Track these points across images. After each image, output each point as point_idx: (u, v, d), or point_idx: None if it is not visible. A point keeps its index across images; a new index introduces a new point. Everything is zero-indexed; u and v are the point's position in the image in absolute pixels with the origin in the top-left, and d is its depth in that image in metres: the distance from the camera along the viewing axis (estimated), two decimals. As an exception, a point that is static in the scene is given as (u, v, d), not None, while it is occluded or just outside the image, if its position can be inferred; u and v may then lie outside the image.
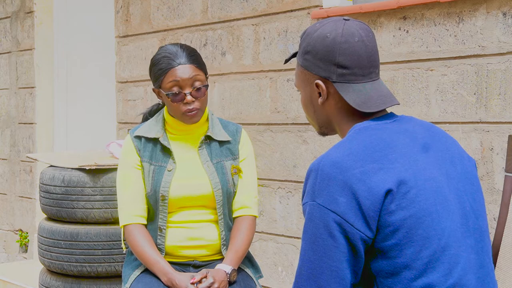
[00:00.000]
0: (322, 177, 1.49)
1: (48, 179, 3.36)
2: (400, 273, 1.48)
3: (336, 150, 1.54)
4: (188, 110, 2.36)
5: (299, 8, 3.68)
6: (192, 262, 2.45)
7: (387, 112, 1.66)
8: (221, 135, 2.47)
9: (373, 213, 1.46)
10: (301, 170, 3.69)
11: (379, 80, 1.65)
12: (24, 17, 5.66)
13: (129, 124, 4.73)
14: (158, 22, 4.52)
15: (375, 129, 1.58)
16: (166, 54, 2.38)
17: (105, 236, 3.25)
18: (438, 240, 1.48)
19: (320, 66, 1.62)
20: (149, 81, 4.56)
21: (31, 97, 5.61)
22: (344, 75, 1.61)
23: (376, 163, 1.49)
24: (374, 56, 1.63)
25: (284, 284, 3.80)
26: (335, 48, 1.60)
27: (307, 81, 1.67)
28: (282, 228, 3.79)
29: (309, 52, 1.64)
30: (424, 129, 1.64)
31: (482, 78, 2.96)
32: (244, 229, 2.44)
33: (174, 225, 2.42)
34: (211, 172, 2.42)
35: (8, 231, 5.90)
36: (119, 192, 2.45)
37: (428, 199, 1.50)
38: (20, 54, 5.73)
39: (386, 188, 1.46)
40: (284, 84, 3.76)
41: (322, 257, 1.48)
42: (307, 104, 1.70)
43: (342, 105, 1.63)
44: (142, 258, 2.37)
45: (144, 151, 2.43)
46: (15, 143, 5.81)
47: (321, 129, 1.72)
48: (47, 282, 3.36)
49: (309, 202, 1.51)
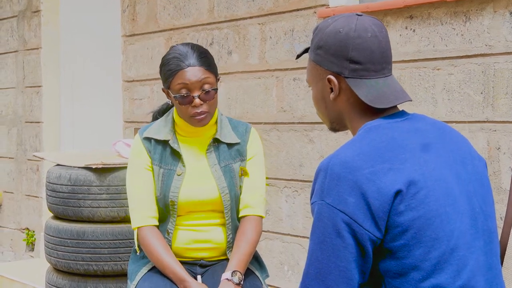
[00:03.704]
0: (331, 177, 1.48)
1: (55, 178, 3.36)
2: (408, 274, 1.47)
3: (346, 149, 1.52)
4: (196, 113, 2.30)
5: (305, 7, 3.68)
6: (198, 262, 2.44)
7: (399, 109, 1.64)
8: (230, 137, 2.43)
9: (382, 214, 1.45)
10: (307, 169, 3.68)
11: (392, 76, 1.63)
12: (31, 16, 5.67)
13: (136, 123, 4.74)
14: (165, 21, 4.52)
15: (386, 128, 1.56)
16: (176, 55, 2.32)
17: (111, 235, 3.25)
18: (447, 242, 1.47)
19: (333, 61, 1.60)
20: (155, 80, 4.57)
21: (38, 96, 5.62)
22: (357, 71, 1.59)
23: (386, 163, 1.48)
24: (387, 52, 1.62)
25: (290, 283, 3.80)
26: (348, 43, 1.58)
27: (319, 77, 1.65)
28: (288, 227, 3.79)
29: (322, 47, 1.62)
30: (435, 128, 1.63)
31: (489, 77, 2.95)
32: (249, 230, 2.39)
33: (182, 227, 2.41)
34: (218, 177, 2.39)
35: (15, 229, 5.91)
36: (131, 192, 2.41)
37: (438, 200, 1.49)
38: (26, 53, 5.75)
39: (396, 188, 1.45)
40: (290, 83, 3.76)
41: (330, 256, 1.48)
42: (319, 100, 1.68)
43: (354, 101, 1.61)
44: (158, 263, 2.33)
45: (154, 153, 2.39)
46: (22, 142, 5.82)
47: (332, 125, 1.70)
48: (54, 281, 3.37)
49: (318, 201, 1.50)
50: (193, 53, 2.32)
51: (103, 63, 5.25)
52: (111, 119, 5.06)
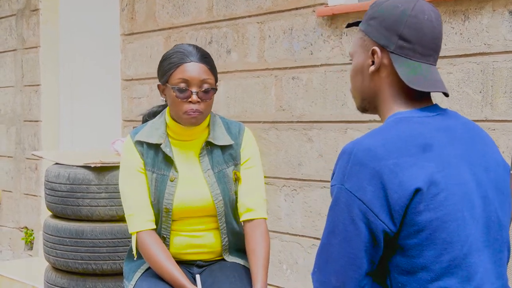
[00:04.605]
0: (354, 162, 1.47)
1: (53, 176, 3.36)
2: (417, 273, 1.46)
3: (373, 136, 1.50)
4: (191, 110, 2.27)
5: (304, 6, 3.67)
6: (195, 262, 2.44)
7: (432, 103, 1.62)
8: (223, 139, 2.39)
9: (399, 208, 1.44)
10: (306, 168, 3.69)
11: (435, 67, 1.61)
12: (30, 15, 5.67)
13: (134, 122, 4.73)
14: (163, 20, 4.52)
15: (417, 122, 1.54)
16: (180, 50, 2.31)
17: (110, 234, 3.25)
18: (461, 247, 1.46)
19: (382, 33, 1.58)
20: (154, 79, 4.56)
21: (37, 95, 5.62)
22: (403, 48, 1.56)
23: (411, 157, 1.46)
24: (438, 40, 1.59)
25: (289, 282, 3.80)
26: (402, 19, 1.56)
27: (364, 47, 1.63)
28: (287, 226, 3.79)
29: (375, 18, 1.60)
30: (466, 128, 1.61)
31: (488, 77, 2.95)
32: (259, 236, 2.34)
33: (177, 232, 2.39)
34: (212, 183, 2.36)
35: (14, 228, 5.91)
36: (126, 197, 2.36)
37: (456, 204, 1.47)
38: (25, 52, 5.74)
39: (417, 185, 1.44)
40: (289, 82, 3.76)
41: (341, 242, 1.47)
42: (357, 72, 1.65)
43: (392, 81, 1.59)
44: (158, 269, 2.30)
45: (147, 157, 2.35)
46: (21, 140, 5.82)
47: (363, 102, 1.67)
48: (52, 280, 3.37)
49: (337, 185, 1.49)
50: (197, 52, 2.32)
51: (102, 61, 5.24)
52: (110, 117, 5.06)
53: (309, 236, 3.68)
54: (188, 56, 2.29)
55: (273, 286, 3.86)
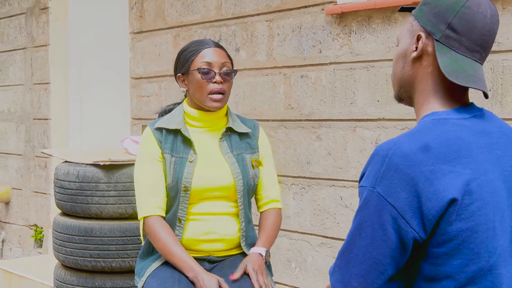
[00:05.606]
0: (388, 166, 1.42)
1: (63, 174, 3.37)
2: (441, 281, 1.43)
3: (410, 139, 1.45)
4: (216, 89, 2.41)
5: (313, 4, 3.67)
6: (207, 257, 2.44)
7: (469, 101, 1.58)
8: (241, 127, 2.51)
9: (432, 217, 1.40)
10: (315, 167, 3.68)
11: (480, 66, 1.55)
12: (39, 14, 5.69)
13: (143, 120, 4.74)
14: (172, 18, 4.53)
15: (455, 124, 1.49)
16: (197, 41, 2.50)
17: (119, 232, 3.26)
18: (488, 258, 1.43)
19: (431, 20, 1.53)
20: (163, 77, 4.57)
21: (46, 93, 5.64)
22: (450, 38, 1.51)
23: (448, 164, 1.41)
24: (487, 37, 1.53)
25: (297, 280, 3.80)
26: (454, 8, 1.50)
27: (411, 32, 1.59)
28: (295, 224, 3.79)
29: (428, 4, 1.56)
30: (502, 133, 1.56)
31: (498, 75, 2.94)
32: (273, 217, 2.53)
33: (194, 217, 2.41)
34: (232, 163, 2.44)
35: (23, 226, 5.94)
36: (138, 183, 2.43)
37: (488, 214, 1.43)
38: (35, 50, 5.76)
39: (452, 196, 1.39)
40: (298, 80, 3.76)
41: (368, 246, 1.44)
42: (399, 57, 1.61)
43: (432, 71, 1.54)
44: (165, 251, 2.34)
45: (166, 142, 2.43)
46: (30, 138, 5.84)
47: (400, 91, 1.63)
48: (62, 277, 3.38)
49: (369, 187, 1.44)
50: (212, 41, 2.51)
51: (111, 60, 5.25)
52: (119, 116, 5.07)
53: (317, 234, 3.68)
54: (205, 44, 2.47)
55: (282, 284, 3.86)
